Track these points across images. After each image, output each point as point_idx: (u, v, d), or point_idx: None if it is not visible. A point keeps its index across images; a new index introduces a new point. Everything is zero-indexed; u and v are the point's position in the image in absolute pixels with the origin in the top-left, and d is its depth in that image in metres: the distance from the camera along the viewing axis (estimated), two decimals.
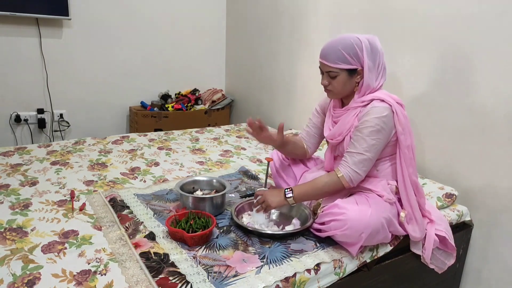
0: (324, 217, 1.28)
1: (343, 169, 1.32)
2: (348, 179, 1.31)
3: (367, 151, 1.29)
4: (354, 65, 1.30)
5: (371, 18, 2.11)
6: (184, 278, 1.07)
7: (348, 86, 1.34)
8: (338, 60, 1.29)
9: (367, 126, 1.28)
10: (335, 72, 1.31)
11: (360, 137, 1.30)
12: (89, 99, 3.02)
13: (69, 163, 1.93)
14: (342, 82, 1.33)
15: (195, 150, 2.27)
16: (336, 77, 1.32)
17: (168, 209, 1.49)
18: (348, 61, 1.29)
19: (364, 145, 1.29)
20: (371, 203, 1.27)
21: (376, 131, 1.28)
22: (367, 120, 1.29)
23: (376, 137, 1.28)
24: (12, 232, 1.27)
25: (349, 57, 1.28)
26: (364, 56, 1.29)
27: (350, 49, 1.28)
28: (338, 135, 1.40)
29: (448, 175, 1.82)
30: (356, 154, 1.30)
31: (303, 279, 1.14)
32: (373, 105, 1.30)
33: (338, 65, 1.30)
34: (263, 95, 3.14)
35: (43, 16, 2.62)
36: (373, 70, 1.32)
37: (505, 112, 1.59)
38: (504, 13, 1.55)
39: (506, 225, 1.65)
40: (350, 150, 1.32)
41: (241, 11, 3.29)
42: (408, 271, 1.50)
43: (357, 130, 1.31)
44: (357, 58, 1.29)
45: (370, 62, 1.30)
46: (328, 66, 1.31)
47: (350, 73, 1.31)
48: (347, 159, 1.32)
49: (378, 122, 1.28)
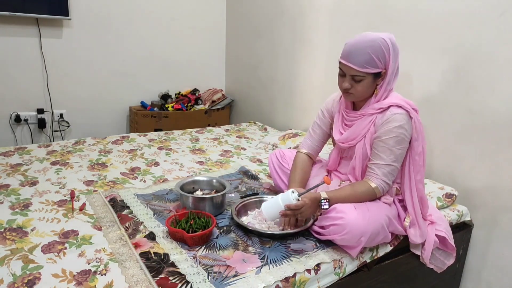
0: (323, 220, 1.28)
1: (376, 181, 1.30)
2: (381, 190, 1.30)
3: (394, 161, 1.29)
4: (381, 68, 1.26)
5: (371, 17, 2.11)
6: (184, 278, 1.07)
7: (370, 89, 1.30)
8: (367, 64, 1.23)
9: (392, 137, 1.26)
10: (362, 76, 1.25)
11: (386, 148, 1.28)
12: (89, 99, 3.02)
13: (69, 163, 1.93)
14: (366, 86, 1.28)
15: (195, 150, 2.27)
16: (361, 81, 1.26)
17: (168, 209, 1.49)
18: (377, 64, 1.24)
19: (392, 156, 1.28)
20: (369, 206, 1.28)
21: (401, 140, 1.27)
22: (390, 130, 1.27)
23: (401, 146, 1.28)
24: (12, 232, 1.27)
25: (378, 60, 1.23)
26: (390, 58, 1.25)
27: (380, 52, 1.22)
28: (351, 140, 1.37)
29: (448, 175, 1.82)
30: (385, 166, 1.29)
31: (303, 279, 1.14)
32: (392, 112, 1.27)
33: (366, 69, 1.23)
34: (263, 95, 3.14)
35: (43, 16, 2.62)
36: (393, 71, 1.28)
37: (505, 112, 1.59)
38: (505, 13, 1.55)
39: (506, 225, 1.65)
40: (377, 162, 1.30)
41: (241, 11, 3.29)
42: (408, 271, 1.50)
43: (380, 141, 1.29)
44: (384, 61, 1.25)
45: (393, 64, 1.27)
46: (354, 69, 1.24)
47: (375, 76, 1.27)
48: (376, 171, 1.30)
49: (402, 131, 1.26)
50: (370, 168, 1.32)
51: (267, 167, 2.02)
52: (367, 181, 1.31)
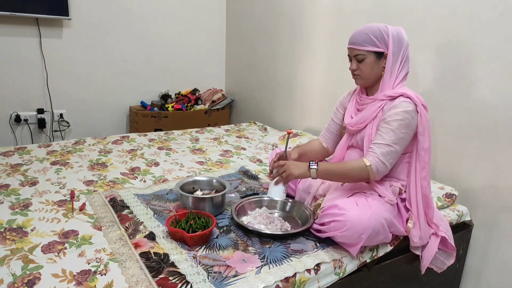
0: (324, 217, 1.28)
1: (372, 159, 1.29)
2: (375, 170, 1.29)
3: (395, 143, 1.28)
4: (381, 48, 1.32)
5: (371, 17, 2.11)
6: (184, 278, 1.07)
7: (375, 70, 1.35)
8: (365, 43, 1.31)
9: (396, 119, 1.28)
10: (363, 55, 1.33)
11: (389, 129, 1.29)
12: (89, 99, 3.02)
13: (69, 163, 1.93)
14: (369, 65, 1.33)
15: (195, 150, 2.27)
16: (363, 60, 1.33)
17: (168, 209, 1.49)
18: (375, 43, 1.31)
19: (393, 137, 1.28)
20: (371, 204, 1.27)
21: (405, 125, 1.28)
22: (395, 113, 1.28)
23: (405, 131, 1.28)
24: (12, 232, 1.27)
25: (376, 39, 1.31)
26: (390, 40, 1.31)
27: (378, 33, 1.31)
28: (360, 123, 1.40)
29: (448, 175, 1.82)
30: (384, 145, 1.29)
31: (303, 279, 1.14)
32: (401, 100, 1.30)
33: (365, 47, 1.32)
34: (263, 95, 3.14)
35: (43, 16, 2.62)
36: (397, 55, 1.33)
37: (505, 112, 1.59)
38: (505, 12, 1.55)
39: (506, 225, 1.65)
40: (378, 141, 1.30)
41: (241, 11, 3.29)
42: (408, 271, 1.50)
43: (384, 123, 1.30)
44: (384, 42, 1.31)
45: (395, 48, 1.32)
46: (355, 49, 1.34)
47: (378, 56, 1.33)
48: (374, 150, 1.30)
49: (407, 116, 1.28)
50: (370, 148, 1.33)
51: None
52: (362, 159, 1.32)
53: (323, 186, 1.47)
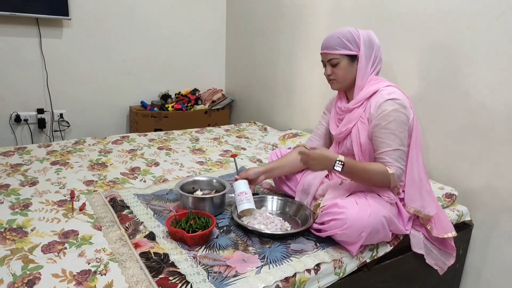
0: (324, 216, 1.29)
1: (392, 168, 1.28)
2: (396, 177, 1.28)
3: (401, 145, 1.29)
4: (354, 50, 1.34)
5: (371, 17, 2.11)
6: (184, 278, 1.07)
7: (350, 73, 1.37)
8: (338, 46, 1.34)
9: (391, 121, 1.27)
10: (336, 58, 1.35)
11: (389, 133, 1.28)
12: (89, 99, 3.02)
13: (69, 163, 1.93)
14: (344, 68, 1.35)
15: (195, 150, 2.27)
16: (337, 64, 1.35)
17: (168, 209, 1.49)
18: (348, 46, 1.33)
19: (397, 140, 1.28)
20: (371, 202, 1.27)
21: (401, 123, 1.28)
22: (387, 115, 1.28)
23: (403, 129, 1.29)
24: (12, 232, 1.27)
25: (348, 43, 1.33)
26: (361, 42, 1.33)
27: (349, 36, 1.34)
28: (344, 130, 1.41)
29: (448, 175, 1.82)
30: (393, 151, 1.28)
31: (303, 279, 1.14)
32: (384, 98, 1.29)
33: (338, 51, 1.34)
34: (263, 95, 3.14)
35: (43, 16, 2.62)
36: (369, 57, 1.35)
37: (505, 112, 1.59)
38: (504, 12, 1.55)
39: (506, 225, 1.65)
40: (385, 149, 1.28)
41: (241, 11, 3.29)
42: (408, 271, 1.50)
43: (381, 128, 1.29)
44: (356, 44, 1.34)
45: (367, 50, 1.34)
46: (329, 54, 1.36)
47: (351, 59, 1.35)
48: (386, 159, 1.28)
49: (398, 114, 1.28)
50: (379, 158, 1.31)
51: None
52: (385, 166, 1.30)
53: (323, 186, 1.47)
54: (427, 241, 1.44)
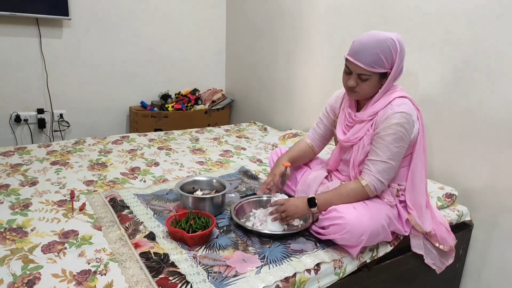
0: (323, 221, 1.28)
1: (367, 178, 1.28)
2: (372, 188, 1.27)
3: (390, 159, 1.26)
4: (388, 68, 1.25)
5: (370, 17, 2.11)
6: (184, 278, 1.07)
7: (375, 88, 1.29)
8: (374, 64, 1.22)
9: (390, 133, 1.24)
10: (368, 75, 1.25)
11: (383, 144, 1.25)
12: (89, 99, 3.02)
13: (69, 163, 1.93)
14: (372, 85, 1.27)
15: (195, 150, 2.27)
16: (367, 80, 1.26)
17: (168, 209, 1.49)
18: (384, 64, 1.23)
19: (388, 153, 1.25)
20: (370, 205, 1.27)
21: (399, 138, 1.24)
22: (388, 127, 1.24)
23: (399, 145, 1.25)
24: (12, 232, 1.27)
25: (385, 61, 1.22)
26: (397, 59, 1.24)
27: (388, 52, 1.22)
28: (353, 139, 1.36)
29: (448, 175, 1.82)
30: (379, 162, 1.26)
31: (303, 279, 1.14)
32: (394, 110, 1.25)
33: (374, 69, 1.23)
34: (263, 95, 3.14)
35: (43, 16, 2.62)
36: (397, 71, 1.28)
37: (505, 112, 1.59)
38: (504, 14, 1.55)
39: (506, 225, 1.65)
40: (373, 158, 1.27)
41: (241, 11, 3.29)
42: (408, 271, 1.50)
43: (379, 137, 1.27)
44: (391, 60, 1.24)
45: (397, 66, 1.25)
46: (362, 68, 1.23)
47: (382, 76, 1.27)
48: (370, 167, 1.28)
49: (400, 129, 1.24)
50: (366, 164, 1.31)
51: (267, 167, 2.02)
52: (359, 179, 1.30)
53: (322, 187, 1.47)
54: (427, 241, 1.44)
